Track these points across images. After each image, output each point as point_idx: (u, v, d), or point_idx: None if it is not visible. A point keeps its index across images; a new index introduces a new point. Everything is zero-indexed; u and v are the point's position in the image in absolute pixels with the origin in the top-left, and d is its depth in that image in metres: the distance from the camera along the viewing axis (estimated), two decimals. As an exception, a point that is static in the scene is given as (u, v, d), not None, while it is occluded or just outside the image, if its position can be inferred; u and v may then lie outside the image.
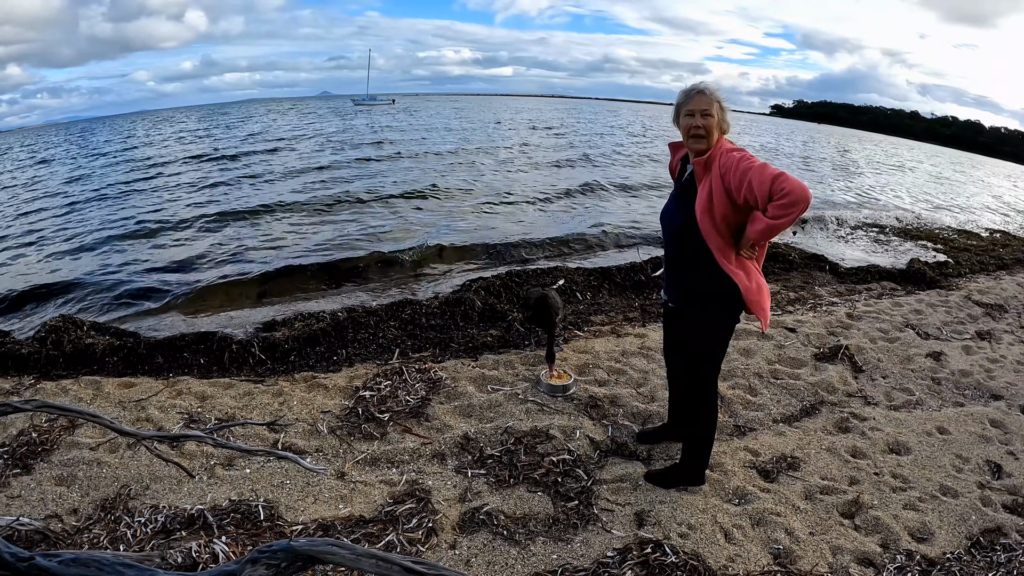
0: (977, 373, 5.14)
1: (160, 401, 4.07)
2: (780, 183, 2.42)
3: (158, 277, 7.96)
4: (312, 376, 4.55)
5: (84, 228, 11.20)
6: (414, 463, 3.47)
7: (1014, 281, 8.50)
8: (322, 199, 13.05)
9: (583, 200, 14.00)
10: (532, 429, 3.76)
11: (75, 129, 65.31)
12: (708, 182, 2.70)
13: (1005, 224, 15.29)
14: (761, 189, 2.48)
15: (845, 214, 14.14)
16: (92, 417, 2.88)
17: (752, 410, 4.27)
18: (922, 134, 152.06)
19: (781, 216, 2.47)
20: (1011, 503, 3.41)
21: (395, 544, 2.77)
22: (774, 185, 2.43)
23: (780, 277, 7.83)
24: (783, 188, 2.41)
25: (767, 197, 2.47)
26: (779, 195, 2.43)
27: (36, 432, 3.56)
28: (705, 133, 2.75)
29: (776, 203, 2.45)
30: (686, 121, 2.81)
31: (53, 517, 2.89)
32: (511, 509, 3.08)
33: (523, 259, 8.93)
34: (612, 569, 2.68)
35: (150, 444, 3.14)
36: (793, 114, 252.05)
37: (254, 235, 10.12)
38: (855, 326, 6.03)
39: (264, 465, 3.36)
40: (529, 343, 5.20)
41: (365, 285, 7.58)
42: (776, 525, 3.04)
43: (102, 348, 4.84)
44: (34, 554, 1.81)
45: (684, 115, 2.82)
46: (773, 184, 2.44)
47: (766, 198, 2.48)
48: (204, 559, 2.56)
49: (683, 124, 2.84)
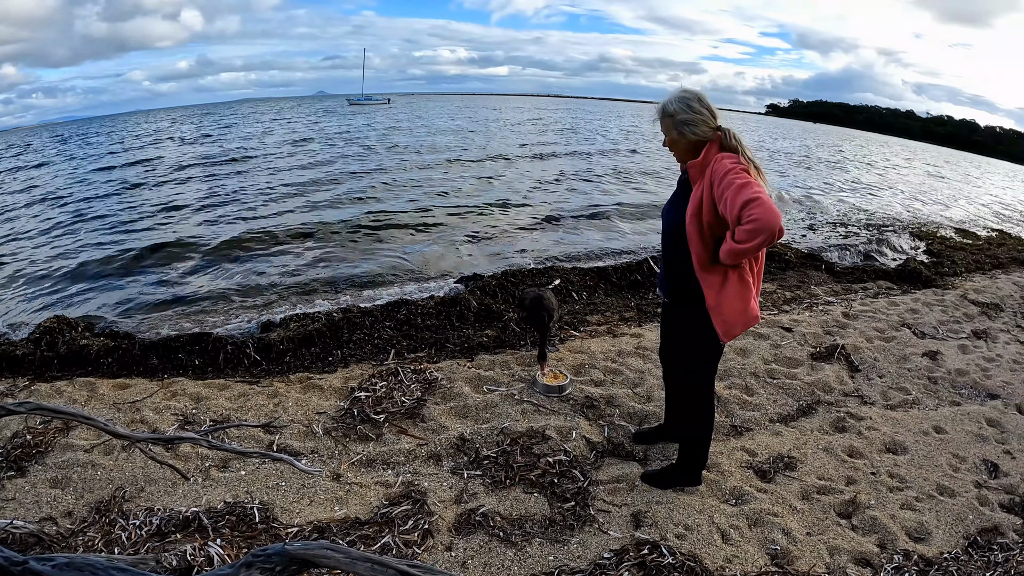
0: (973, 372, 5.14)
1: (155, 402, 4.05)
2: (749, 209, 2.38)
3: (153, 278, 7.94)
4: (307, 377, 4.53)
5: (79, 229, 11.16)
6: (410, 464, 3.46)
7: (1010, 280, 8.51)
8: (316, 200, 13.05)
9: (579, 198, 14.00)
10: (528, 430, 3.75)
11: (71, 129, 65.03)
12: (701, 187, 2.68)
13: (1001, 223, 15.32)
14: (732, 211, 2.45)
15: (840, 213, 14.17)
16: (86, 420, 2.86)
17: (748, 410, 4.27)
18: (917, 133, 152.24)
19: (745, 241, 2.43)
20: (1008, 502, 3.41)
21: (391, 546, 2.76)
22: (744, 210, 2.39)
23: (776, 276, 7.83)
24: (752, 215, 2.37)
25: (736, 219, 2.45)
26: (746, 220, 2.39)
27: (30, 434, 3.54)
28: (674, 151, 2.85)
29: (742, 227, 2.42)
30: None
31: (47, 520, 2.87)
32: (507, 510, 3.07)
33: (519, 259, 8.91)
34: (609, 570, 2.68)
35: (145, 446, 3.13)
36: (789, 113, 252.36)
37: (249, 235, 10.09)
38: (851, 325, 6.04)
39: (259, 467, 3.35)
40: (525, 343, 5.19)
41: (360, 285, 7.56)
42: (773, 525, 3.03)
43: (96, 349, 4.82)
44: (28, 558, 1.80)
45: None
46: (743, 209, 2.39)
47: (735, 220, 2.45)
48: (199, 562, 2.54)
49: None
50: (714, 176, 2.60)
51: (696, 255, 2.71)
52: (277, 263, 8.46)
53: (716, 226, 2.65)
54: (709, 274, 2.73)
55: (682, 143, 2.77)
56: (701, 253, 2.70)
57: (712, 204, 2.61)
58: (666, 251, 3.02)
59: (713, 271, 2.72)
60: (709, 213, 2.63)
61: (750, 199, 2.39)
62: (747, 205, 2.39)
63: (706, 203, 2.63)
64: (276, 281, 7.64)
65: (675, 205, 2.92)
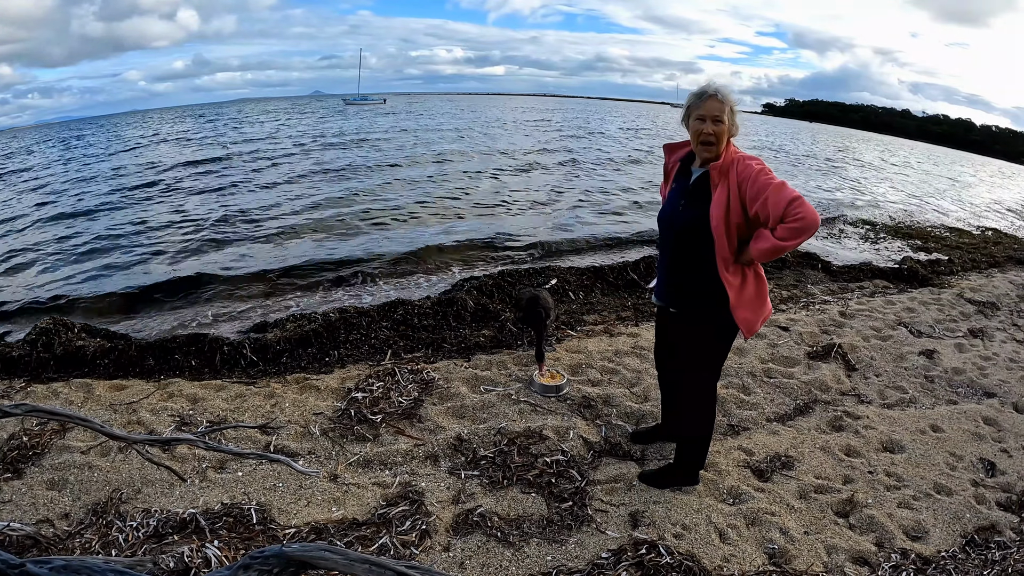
0: (970, 371, 5.16)
1: (151, 404, 4.04)
2: (796, 206, 2.43)
3: (148, 279, 7.91)
4: (304, 378, 4.52)
5: (74, 230, 11.12)
6: (407, 465, 3.45)
7: (1006, 279, 8.54)
8: (314, 200, 13.04)
9: (577, 197, 14.00)
10: (525, 430, 3.74)
11: (67, 129, 64.90)
12: (726, 188, 2.66)
13: (997, 222, 15.36)
14: (776, 209, 2.48)
15: (837, 212, 14.19)
16: (82, 421, 2.85)
17: (746, 409, 4.27)
18: (913, 132, 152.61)
19: (789, 238, 2.48)
20: (1005, 501, 3.42)
21: (388, 547, 2.75)
22: (789, 207, 2.44)
23: (773, 276, 7.84)
24: (798, 212, 2.42)
25: (780, 218, 2.48)
26: (792, 218, 2.44)
27: (27, 436, 3.52)
28: (715, 140, 2.72)
29: (787, 225, 2.46)
30: (696, 125, 2.76)
31: (44, 522, 2.86)
32: (505, 510, 3.07)
33: (516, 259, 8.91)
34: (607, 570, 2.67)
35: (141, 448, 3.12)
36: (785, 112, 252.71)
37: (243, 235, 10.09)
38: (848, 324, 6.05)
39: (256, 468, 3.34)
40: (522, 343, 5.19)
41: (357, 285, 7.55)
42: (771, 525, 3.03)
43: (93, 350, 4.80)
44: (25, 560, 1.79)
45: (695, 119, 2.76)
46: (789, 206, 2.44)
47: (779, 218, 2.48)
48: (196, 563, 2.53)
49: (693, 128, 2.79)
50: (742, 177, 2.61)
51: (721, 256, 2.72)
52: (273, 264, 8.42)
53: (743, 227, 2.68)
54: (732, 275, 2.75)
55: (725, 136, 2.73)
56: (727, 252, 2.71)
57: (740, 205, 2.63)
58: (675, 256, 2.97)
59: (735, 271, 2.76)
60: (738, 214, 2.65)
61: (795, 197, 2.45)
62: (792, 203, 2.44)
63: (734, 204, 2.64)
64: (273, 281, 7.63)
65: (686, 208, 2.86)
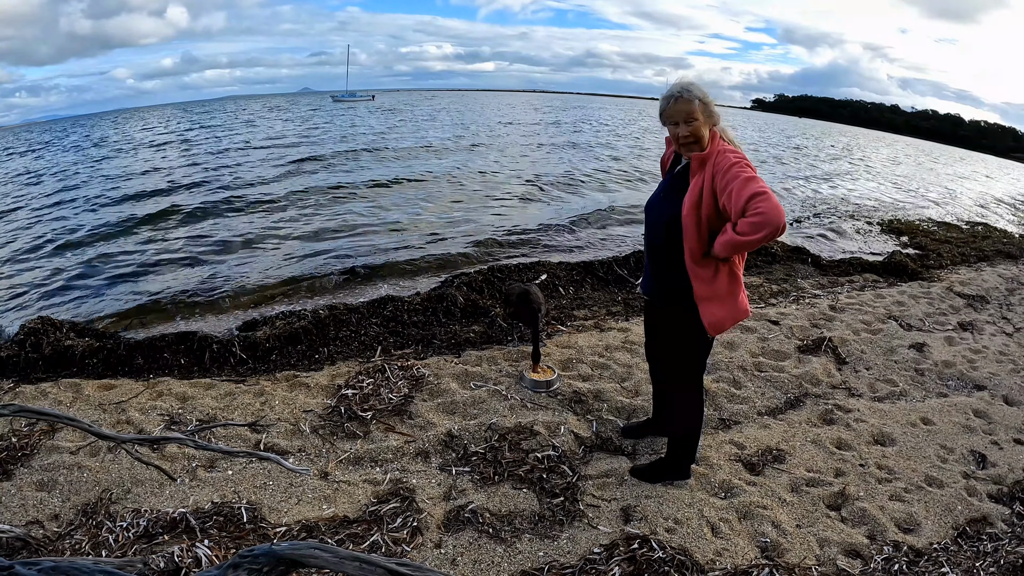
0: (960, 364, 5.18)
1: (140, 403, 4.01)
2: (756, 201, 2.39)
3: (138, 278, 7.86)
4: (294, 375, 4.50)
5: (63, 228, 11.02)
6: (398, 462, 3.44)
7: (995, 272, 8.58)
8: (309, 198, 12.96)
9: (572, 196, 13.99)
10: (516, 425, 3.74)
11: (54, 127, 64.50)
12: (701, 179, 2.65)
13: (985, 216, 15.44)
14: (738, 202, 2.44)
15: (826, 207, 14.24)
16: (71, 421, 2.82)
17: (736, 403, 4.28)
18: (902, 128, 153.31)
19: (747, 233, 2.43)
20: (996, 492, 3.44)
21: (380, 544, 2.75)
22: (751, 201, 2.40)
23: (763, 270, 7.86)
24: (759, 207, 2.38)
25: (740, 211, 2.44)
26: (752, 212, 2.40)
27: (15, 437, 3.49)
28: (695, 139, 2.70)
29: (747, 219, 2.42)
30: (671, 130, 2.76)
31: (34, 523, 2.84)
32: (496, 507, 3.06)
33: (506, 254, 8.90)
34: (599, 565, 2.67)
35: (131, 447, 3.10)
36: (774, 108, 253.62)
37: (235, 234, 10.02)
38: (838, 318, 6.07)
39: (246, 466, 3.32)
40: (512, 339, 5.18)
41: (347, 282, 7.52)
42: (763, 518, 3.04)
43: (82, 350, 4.76)
44: (14, 563, 1.77)
45: (668, 124, 2.76)
46: (751, 200, 2.40)
47: (739, 212, 2.45)
48: (187, 563, 2.52)
49: (669, 132, 2.79)
50: (716, 169, 2.59)
51: (689, 248, 2.70)
52: (263, 261, 8.39)
53: (714, 219, 2.64)
54: (700, 268, 2.71)
55: (704, 131, 2.70)
56: (695, 246, 2.68)
57: (712, 196, 2.60)
58: (654, 247, 2.98)
59: (704, 265, 2.71)
60: (709, 206, 2.62)
61: (757, 192, 2.40)
62: (754, 198, 2.40)
63: (706, 195, 2.62)
64: (262, 279, 7.58)
65: (667, 198, 2.86)
